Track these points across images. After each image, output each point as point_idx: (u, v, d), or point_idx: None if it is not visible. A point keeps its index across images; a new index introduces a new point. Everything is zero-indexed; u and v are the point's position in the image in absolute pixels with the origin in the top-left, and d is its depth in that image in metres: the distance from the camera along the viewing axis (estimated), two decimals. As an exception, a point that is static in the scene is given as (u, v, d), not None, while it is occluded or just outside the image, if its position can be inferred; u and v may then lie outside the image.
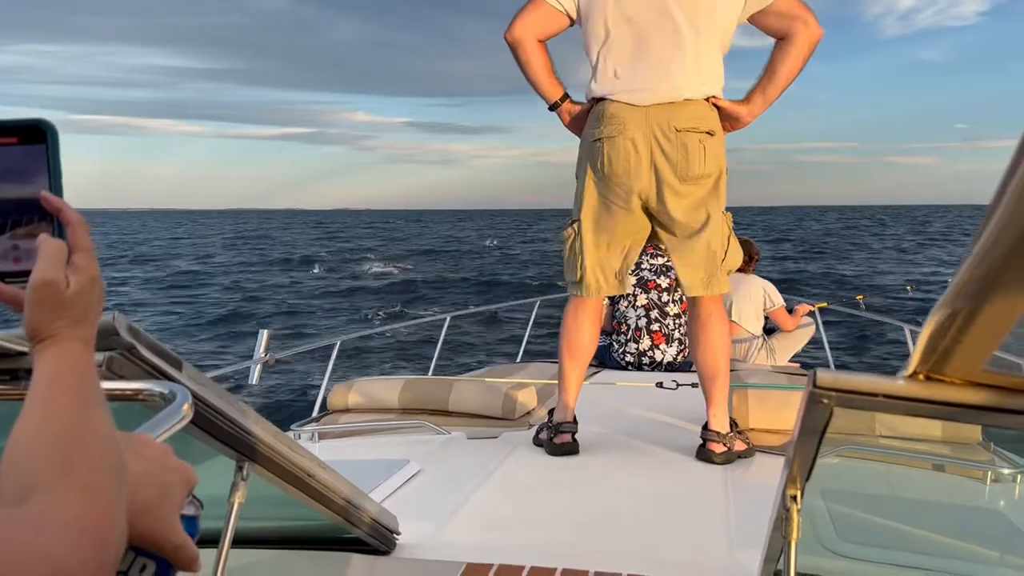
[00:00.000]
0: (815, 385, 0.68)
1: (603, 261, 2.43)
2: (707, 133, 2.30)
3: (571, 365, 2.50)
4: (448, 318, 4.60)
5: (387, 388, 2.97)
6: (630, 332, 4.14)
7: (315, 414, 3.18)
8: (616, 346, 4.18)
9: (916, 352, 0.61)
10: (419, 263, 26.75)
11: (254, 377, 3.09)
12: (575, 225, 2.44)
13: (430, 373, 4.40)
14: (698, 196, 2.34)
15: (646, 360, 4.10)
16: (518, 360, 4.78)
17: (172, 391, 0.75)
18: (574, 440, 2.45)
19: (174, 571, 0.62)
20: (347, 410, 2.98)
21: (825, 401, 0.68)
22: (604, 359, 4.19)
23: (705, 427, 2.39)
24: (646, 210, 2.39)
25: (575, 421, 2.48)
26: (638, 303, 4.15)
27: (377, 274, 22.92)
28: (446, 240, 44.71)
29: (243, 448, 0.98)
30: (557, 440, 2.44)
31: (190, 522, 0.65)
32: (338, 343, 3.72)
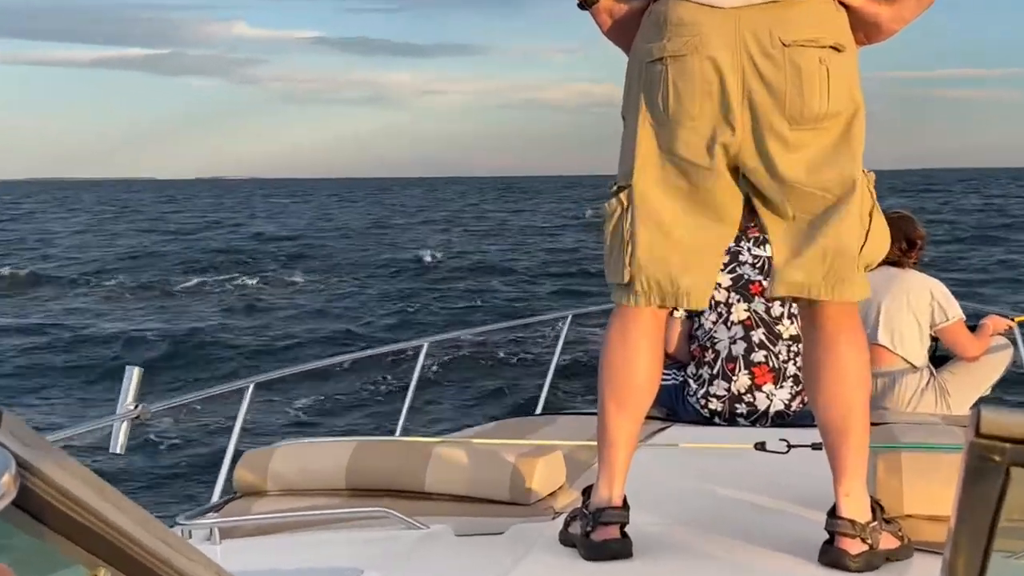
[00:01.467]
0: (978, 432, 0.69)
1: (667, 250, 2.45)
2: (832, 48, 2.33)
3: (618, 416, 2.52)
4: (426, 345, 4.63)
5: (328, 456, 3.02)
6: (718, 364, 4.15)
7: (215, 499, 3.21)
8: (694, 385, 4.20)
9: None
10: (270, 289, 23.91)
11: (118, 441, 3.15)
12: (623, 194, 2.47)
13: (397, 433, 4.43)
14: (820, 147, 2.36)
15: (742, 409, 4.12)
16: (537, 411, 4.79)
17: None
18: (624, 535, 2.47)
19: None
20: (264, 493, 3.03)
21: (996, 458, 0.69)
22: (675, 406, 4.21)
23: (833, 513, 2.41)
24: (736, 170, 2.42)
25: (625, 506, 2.50)
26: (733, 317, 4.18)
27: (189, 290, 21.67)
28: (357, 245, 38.02)
29: (98, 547, 1.00)
30: (597, 536, 2.46)
31: None
32: (251, 387, 3.76)
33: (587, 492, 2.57)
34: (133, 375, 3.19)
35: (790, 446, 3.32)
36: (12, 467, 0.76)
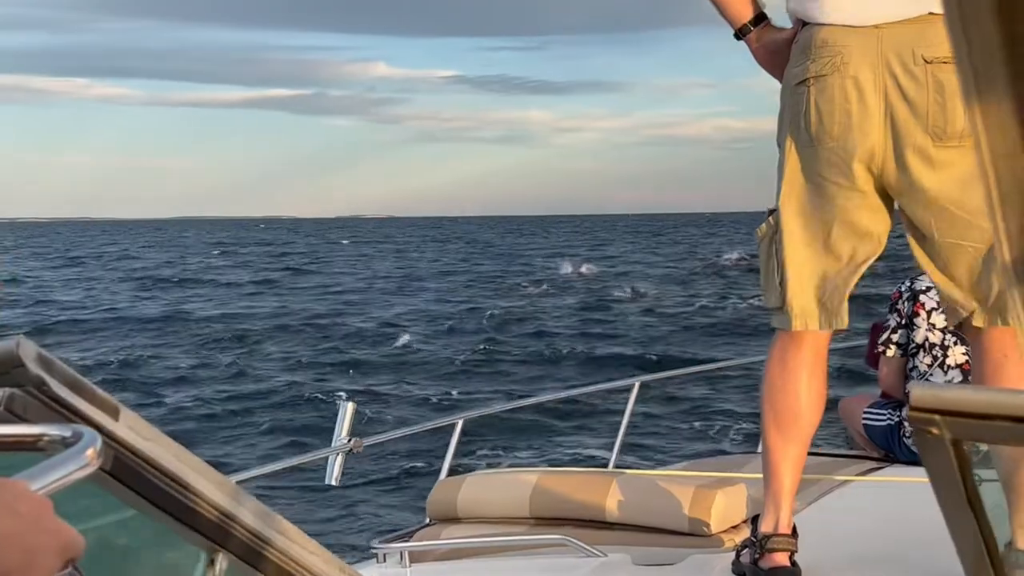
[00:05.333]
0: (911, 406, 0.69)
1: (815, 272, 2.46)
2: None
3: (780, 441, 2.53)
4: (637, 384, 4.60)
5: (513, 486, 3.10)
6: None
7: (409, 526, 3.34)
8: (910, 427, 4.01)
9: None
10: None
11: (334, 473, 3.28)
12: (773, 217, 2.50)
13: (611, 466, 4.41)
14: (967, 166, 2.32)
15: None
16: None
17: (76, 433, 0.84)
18: (793, 564, 2.47)
19: None
20: (455, 520, 3.13)
21: (933, 431, 0.68)
22: (891, 446, 4.09)
23: (1009, 546, 2.30)
24: (882, 191, 2.41)
25: (794, 533, 2.50)
26: (950, 361, 4.01)
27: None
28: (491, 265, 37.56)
29: (210, 531, 1.08)
30: (765, 564, 2.47)
31: None
32: (460, 423, 3.86)
33: (755, 520, 2.57)
34: (347, 409, 3.32)
35: None
36: (98, 442, 0.83)
